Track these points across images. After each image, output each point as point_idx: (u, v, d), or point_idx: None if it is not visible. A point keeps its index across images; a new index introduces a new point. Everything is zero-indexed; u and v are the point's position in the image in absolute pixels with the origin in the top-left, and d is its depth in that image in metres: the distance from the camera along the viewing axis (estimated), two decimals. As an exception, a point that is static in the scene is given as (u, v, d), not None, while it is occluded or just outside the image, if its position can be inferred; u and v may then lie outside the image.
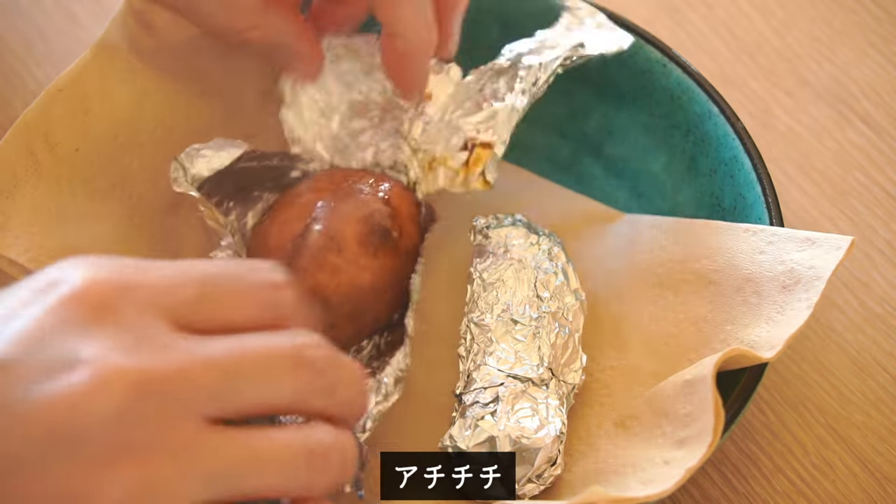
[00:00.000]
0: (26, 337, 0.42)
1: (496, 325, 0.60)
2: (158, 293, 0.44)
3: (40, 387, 0.41)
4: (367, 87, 0.66)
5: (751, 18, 0.76)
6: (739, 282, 0.60)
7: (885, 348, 0.65)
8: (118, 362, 0.42)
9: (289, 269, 0.57)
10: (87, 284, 0.43)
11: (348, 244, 0.59)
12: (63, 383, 0.41)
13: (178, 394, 0.42)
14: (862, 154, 0.71)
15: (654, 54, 0.67)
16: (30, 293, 0.44)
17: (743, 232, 0.61)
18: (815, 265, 0.57)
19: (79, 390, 0.41)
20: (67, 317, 0.43)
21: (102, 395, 0.41)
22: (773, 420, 0.63)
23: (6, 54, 0.75)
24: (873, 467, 0.62)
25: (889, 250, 0.68)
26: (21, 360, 0.42)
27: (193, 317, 0.44)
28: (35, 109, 0.60)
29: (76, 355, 0.42)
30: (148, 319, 0.43)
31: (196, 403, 0.43)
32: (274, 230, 0.60)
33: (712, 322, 0.60)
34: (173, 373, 0.43)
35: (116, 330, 0.43)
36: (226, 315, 0.45)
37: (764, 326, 0.57)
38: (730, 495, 0.62)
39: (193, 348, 0.43)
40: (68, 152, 0.61)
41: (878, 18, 0.76)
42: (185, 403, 0.43)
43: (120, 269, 0.44)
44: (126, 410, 0.42)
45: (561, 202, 0.68)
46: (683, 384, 0.55)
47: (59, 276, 0.44)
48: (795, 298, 0.57)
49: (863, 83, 0.74)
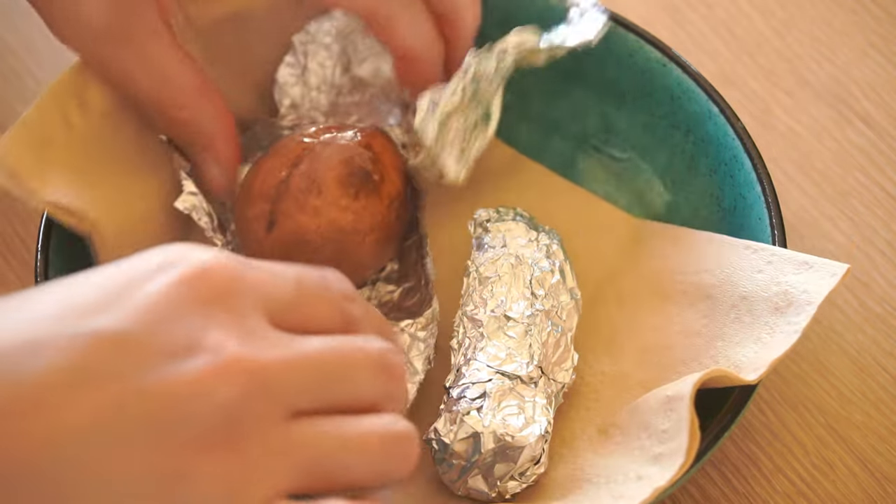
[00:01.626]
0: (148, 311, 0.43)
1: (489, 321, 0.60)
2: (263, 291, 0.45)
3: (163, 367, 0.42)
4: (375, 66, 0.67)
5: (751, 18, 0.76)
6: (735, 299, 0.60)
7: (885, 348, 0.65)
8: (238, 351, 0.43)
9: (272, 214, 0.60)
10: (209, 267, 0.44)
11: (328, 186, 0.60)
12: (187, 367, 0.42)
13: (280, 387, 0.44)
14: (862, 154, 0.71)
15: (654, 54, 0.67)
16: (149, 266, 0.44)
17: (744, 249, 0.61)
18: (808, 290, 0.57)
19: (199, 377, 0.42)
20: (189, 295, 0.44)
21: (220, 382, 0.43)
22: (773, 420, 0.63)
23: (6, 54, 0.75)
24: (873, 467, 0.62)
25: (889, 250, 0.68)
26: (142, 336, 0.43)
27: (288, 315, 0.46)
28: (71, 70, 0.62)
29: (198, 339, 0.43)
30: (254, 312, 0.45)
31: (293, 397, 0.44)
32: (259, 178, 0.62)
33: (705, 336, 0.60)
34: (278, 365, 0.44)
35: (230, 317, 0.44)
36: (313, 317, 0.47)
37: (752, 347, 0.57)
38: (730, 495, 0.62)
39: (292, 344, 0.45)
40: (98, 116, 0.62)
41: (878, 18, 0.76)
42: (285, 396, 0.44)
43: (232, 261, 0.45)
44: (238, 397, 0.43)
45: (568, 199, 0.68)
46: (665, 399, 0.55)
47: (177, 256, 0.45)
48: (786, 321, 0.57)
49: (863, 83, 0.74)
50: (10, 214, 0.70)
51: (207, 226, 0.63)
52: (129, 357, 0.42)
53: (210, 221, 0.63)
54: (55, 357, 0.42)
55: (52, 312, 0.43)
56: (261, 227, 0.61)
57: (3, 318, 0.43)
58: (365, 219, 0.61)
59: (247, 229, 0.61)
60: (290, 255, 0.60)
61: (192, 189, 0.63)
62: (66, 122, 0.61)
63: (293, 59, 0.67)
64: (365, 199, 0.61)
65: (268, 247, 0.61)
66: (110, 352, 0.42)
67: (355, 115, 0.67)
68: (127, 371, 0.42)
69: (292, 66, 0.67)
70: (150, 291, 0.43)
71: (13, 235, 0.70)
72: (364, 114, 0.67)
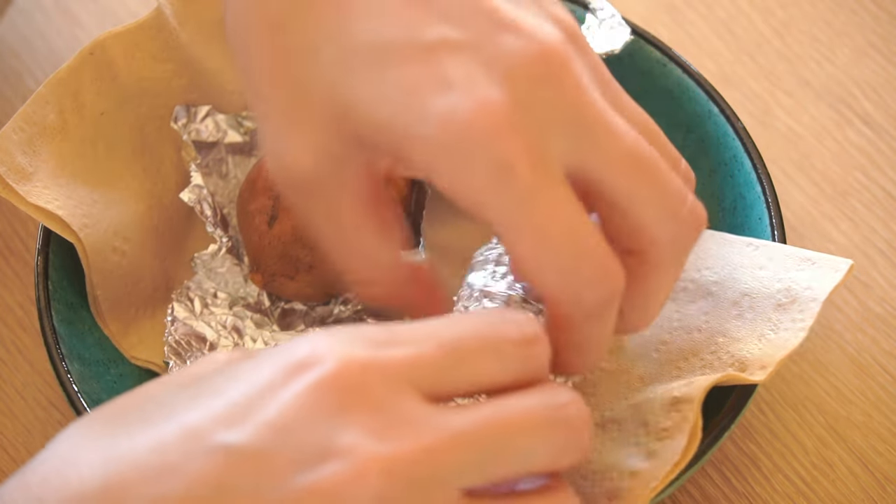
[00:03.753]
0: (279, 424, 0.42)
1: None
2: (407, 366, 0.43)
3: (296, 477, 0.41)
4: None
5: (751, 18, 0.76)
6: (737, 296, 0.59)
7: (885, 348, 0.65)
8: (372, 450, 0.41)
9: (274, 209, 0.60)
10: (338, 370, 0.42)
11: None
12: (319, 475, 0.41)
13: (428, 475, 0.42)
14: (862, 154, 0.71)
15: (654, 54, 0.67)
16: (279, 374, 0.43)
17: (746, 246, 0.61)
18: (812, 286, 0.57)
19: (335, 481, 0.41)
20: (319, 403, 0.42)
21: (357, 486, 0.41)
22: (773, 420, 0.63)
23: (6, 54, 0.75)
24: (873, 467, 0.62)
25: (889, 250, 0.68)
26: (275, 449, 0.42)
27: (443, 385, 0.44)
28: (67, 69, 0.61)
29: (330, 444, 0.41)
30: (398, 396, 0.43)
31: (449, 480, 0.42)
32: (263, 172, 0.62)
33: (706, 332, 0.60)
34: (424, 454, 0.42)
35: (368, 413, 0.42)
36: (476, 378, 0.44)
37: (756, 343, 0.57)
38: (730, 495, 0.62)
39: (444, 422, 0.43)
40: (94, 115, 0.62)
41: (878, 18, 0.76)
42: (437, 484, 0.42)
43: (368, 349, 0.43)
44: (379, 499, 0.41)
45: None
46: (670, 399, 0.55)
47: (311, 357, 0.43)
48: (790, 318, 0.57)
49: (863, 83, 0.74)
50: (10, 214, 0.70)
51: (210, 219, 0.63)
52: (261, 473, 0.41)
53: (213, 216, 0.63)
54: (191, 481, 0.41)
55: (181, 429, 0.42)
56: (263, 221, 0.61)
57: (135, 434, 0.42)
58: None
59: (249, 223, 0.62)
60: (290, 251, 0.61)
61: (199, 182, 0.63)
62: (61, 121, 0.61)
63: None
64: None
65: (269, 241, 0.61)
66: (242, 469, 0.41)
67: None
68: (260, 487, 0.41)
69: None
70: (280, 403, 0.42)
71: (13, 235, 0.70)
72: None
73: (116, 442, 0.42)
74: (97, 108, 0.62)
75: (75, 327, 0.61)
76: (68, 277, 0.62)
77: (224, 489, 0.41)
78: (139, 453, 0.42)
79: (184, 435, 0.42)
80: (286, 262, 0.61)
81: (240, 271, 0.64)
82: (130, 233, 0.62)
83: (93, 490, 0.41)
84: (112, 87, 0.63)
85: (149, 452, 0.42)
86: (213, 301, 0.63)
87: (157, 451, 0.42)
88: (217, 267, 0.63)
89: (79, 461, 0.42)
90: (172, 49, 0.64)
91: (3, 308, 0.67)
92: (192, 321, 0.62)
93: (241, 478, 0.41)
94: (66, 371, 0.59)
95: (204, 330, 0.62)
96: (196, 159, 0.64)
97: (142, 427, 0.43)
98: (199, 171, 0.63)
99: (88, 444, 0.43)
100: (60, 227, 0.60)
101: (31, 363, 0.66)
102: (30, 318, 0.67)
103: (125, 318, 0.62)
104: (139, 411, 0.44)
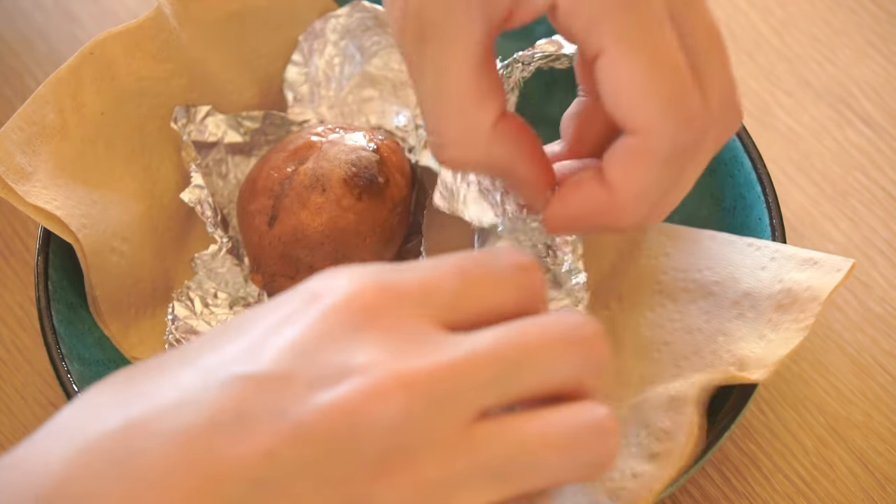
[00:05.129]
0: (298, 347, 0.42)
1: None
2: (420, 292, 0.44)
3: (316, 397, 0.41)
4: (383, 61, 0.67)
5: (749, 18, 0.76)
6: (738, 295, 0.60)
7: (885, 348, 0.65)
8: (391, 367, 0.42)
9: (274, 209, 0.60)
10: (352, 293, 0.43)
11: (332, 185, 0.61)
12: (338, 392, 0.41)
13: (447, 392, 0.42)
14: (862, 154, 0.71)
15: (654, 54, 0.67)
16: (297, 304, 0.43)
17: (747, 246, 0.61)
18: (812, 286, 0.57)
19: (354, 398, 0.41)
20: (336, 326, 0.43)
21: (378, 402, 0.41)
22: (773, 420, 0.63)
23: (6, 54, 0.75)
24: (873, 467, 0.62)
25: (889, 250, 0.68)
26: (292, 372, 0.42)
27: (455, 312, 0.44)
28: (67, 69, 0.61)
29: (347, 363, 0.42)
30: (412, 321, 0.43)
31: (466, 399, 0.42)
32: (264, 172, 0.62)
33: (706, 332, 0.60)
34: (442, 371, 0.42)
35: (383, 335, 0.42)
36: (485, 304, 0.45)
37: (756, 343, 0.57)
38: (730, 495, 0.62)
39: (459, 344, 0.43)
40: (94, 114, 0.62)
41: (878, 18, 0.76)
42: (455, 401, 0.42)
43: (381, 276, 0.44)
44: (400, 415, 0.41)
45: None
46: (669, 399, 0.55)
47: (324, 287, 0.44)
48: (790, 318, 0.57)
49: (863, 83, 0.74)
50: (10, 214, 0.70)
51: (210, 220, 0.63)
52: (280, 396, 0.41)
53: (213, 216, 0.63)
54: (212, 411, 0.41)
55: (199, 370, 0.42)
56: (263, 221, 0.61)
57: (155, 380, 0.43)
58: (366, 220, 0.61)
59: (249, 223, 0.62)
60: (290, 252, 0.61)
61: (199, 182, 0.63)
62: (60, 120, 0.61)
63: (300, 58, 0.67)
64: (368, 201, 0.61)
65: (268, 242, 0.61)
66: (261, 394, 0.41)
67: (363, 115, 0.67)
68: (281, 409, 0.41)
69: (299, 65, 0.67)
70: (298, 328, 0.43)
71: (13, 235, 0.70)
72: (372, 113, 0.67)
73: (137, 389, 0.43)
74: (97, 108, 0.62)
75: (75, 327, 0.61)
76: (68, 277, 0.62)
77: (245, 415, 0.41)
78: (159, 394, 0.42)
79: (201, 373, 0.42)
80: (286, 262, 0.61)
81: (240, 271, 0.64)
82: (129, 233, 0.62)
83: (114, 429, 0.42)
84: (112, 87, 0.63)
85: (168, 391, 0.42)
86: (213, 301, 0.63)
87: (175, 389, 0.42)
88: (217, 267, 0.64)
89: (100, 407, 0.43)
90: (172, 49, 0.64)
91: (3, 308, 0.67)
92: (193, 321, 0.62)
93: (260, 402, 0.41)
94: (66, 371, 0.59)
95: (204, 329, 0.62)
96: (196, 159, 0.64)
97: (160, 374, 0.43)
98: (199, 172, 0.63)
99: (108, 394, 0.43)
100: (59, 228, 0.60)
101: (31, 363, 0.66)
102: (30, 318, 0.67)
103: (125, 319, 0.62)
104: (158, 367, 0.44)
